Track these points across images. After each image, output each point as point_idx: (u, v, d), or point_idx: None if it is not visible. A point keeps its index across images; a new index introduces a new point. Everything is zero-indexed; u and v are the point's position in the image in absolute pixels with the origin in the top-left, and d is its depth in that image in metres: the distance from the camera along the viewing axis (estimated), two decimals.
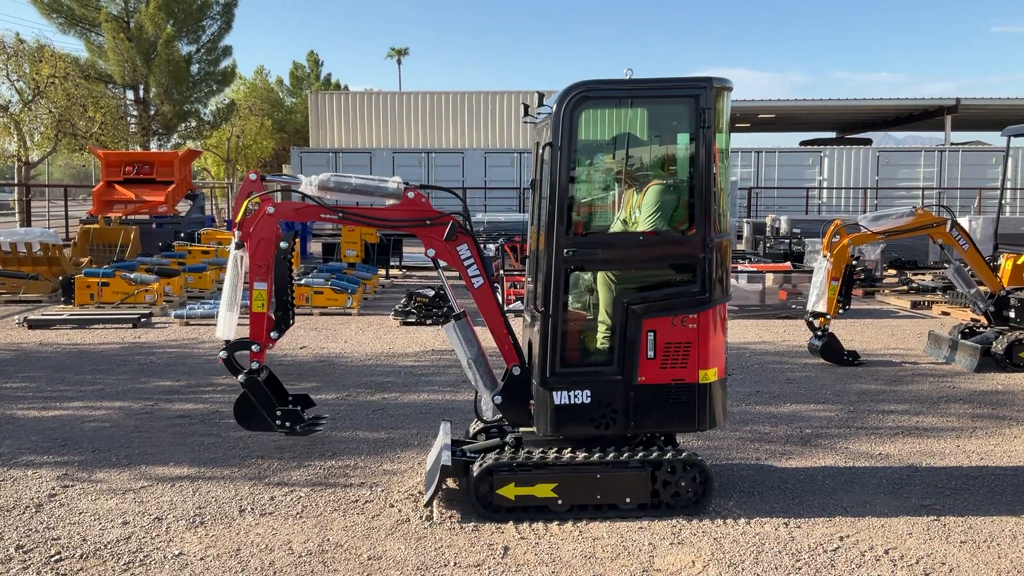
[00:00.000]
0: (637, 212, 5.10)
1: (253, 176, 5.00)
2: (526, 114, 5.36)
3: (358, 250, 17.25)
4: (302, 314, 12.38)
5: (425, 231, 4.96)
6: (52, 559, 4.31)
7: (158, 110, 30.82)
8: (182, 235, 17.90)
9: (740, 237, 20.35)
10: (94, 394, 7.72)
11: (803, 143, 37.64)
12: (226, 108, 36.17)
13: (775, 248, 18.12)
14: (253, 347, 4.97)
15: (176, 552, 4.41)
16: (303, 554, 4.39)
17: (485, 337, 5.07)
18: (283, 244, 4.94)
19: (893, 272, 17.28)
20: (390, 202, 5.01)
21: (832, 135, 43.79)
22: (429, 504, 4.98)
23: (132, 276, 12.75)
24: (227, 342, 4.95)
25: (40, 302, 13.41)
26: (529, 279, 5.54)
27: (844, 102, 34.92)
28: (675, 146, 5.21)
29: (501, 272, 13.57)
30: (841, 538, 4.64)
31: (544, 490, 4.83)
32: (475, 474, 4.81)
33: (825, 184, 29.86)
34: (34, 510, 4.95)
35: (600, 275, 5.11)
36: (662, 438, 5.30)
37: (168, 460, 5.86)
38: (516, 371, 5.03)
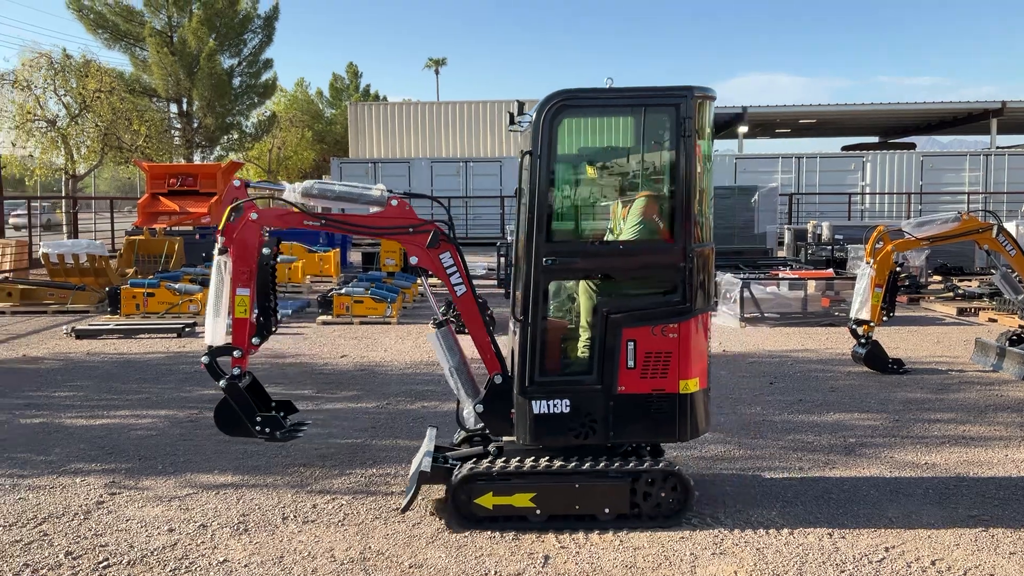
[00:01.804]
0: (623, 223, 5.09)
1: (237, 183, 5.03)
2: (512, 123, 5.35)
3: (397, 259, 17.37)
4: (342, 323, 12.49)
5: (408, 238, 4.98)
6: (100, 565, 4.39)
7: (201, 123, 31.32)
8: None
9: (781, 243, 20.16)
10: (140, 403, 7.85)
11: (845, 148, 37.22)
12: (267, 120, 36.69)
13: (817, 255, 17.91)
14: (235, 353, 4.99)
15: (221, 559, 4.46)
16: (345, 561, 4.42)
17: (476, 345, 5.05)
18: (266, 250, 4.97)
19: (938, 278, 17.01)
20: (374, 209, 5.01)
21: (875, 140, 43.25)
22: (406, 510, 5.00)
23: (177, 286, 12.96)
24: (210, 347, 4.98)
25: (87, 312, 13.67)
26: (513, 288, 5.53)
27: (886, 106, 34.46)
28: (657, 156, 5.16)
29: None
30: (887, 549, 4.57)
31: (522, 500, 4.80)
32: (453, 483, 4.81)
33: (868, 189, 29.48)
34: (83, 517, 5.05)
35: (581, 284, 5.08)
36: (648, 448, 5.25)
37: (212, 468, 5.94)
38: (498, 380, 5.01)
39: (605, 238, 5.28)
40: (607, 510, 4.82)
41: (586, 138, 5.37)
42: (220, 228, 4.90)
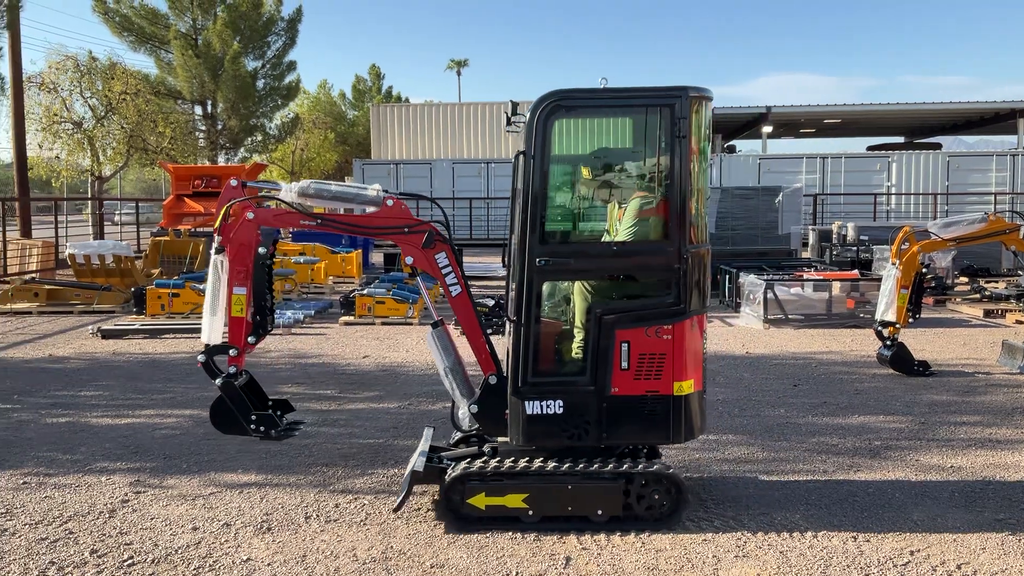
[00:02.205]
0: (619, 224, 5.07)
1: (234, 183, 5.04)
2: (509, 123, 5.33)
3: None
4: (364, 323, 12.54)
5: (403, 238, 4.98)
6: (125, 563, 4.43)
7: (225, 125, 31.56)
8: None
9: (805, 244, 20.03)
10: (165, 402, 7.92)
11: (870, 148, 36.91)
12: (290, 122, 36.92)
13: (842, 256, 17.79)
14: (231, 351, 5.02)
15: (244, 558, 4.49)
16: (367, 561, 4.44)
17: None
18: (262, 250, 4.99)
19: (965, 280, 16.83)
20: (370, 209, 5.02)
21: (900, 140, 42.88)
22: (398, 509, 5.01)
23: (201, 287, 13.04)
24: (207, 346, 5.01)
25: (113, 312, 13.80)
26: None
27: (912, 106, 34.14)
28: (652, 156, 5.12)
29: None
30: (912, 552, 4.53)
31: (515, 500, 4.78)
32: (445, 483, 4.81)
33: (893, 190, 29.24)
34: (108, 515, 5.10)
35: (576, 285, 5.06)
36: (645, 450, 5.22)
37: (236, 467, 5.98)
38: (492, 380, 4.99)
39: (603, 239, 5.24)
40: (600, 512, 4.79)
41: (580, 139, 5.34)
42: (216, 227, 4.94)
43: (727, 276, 14.34)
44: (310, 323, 12.73)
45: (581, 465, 4.81)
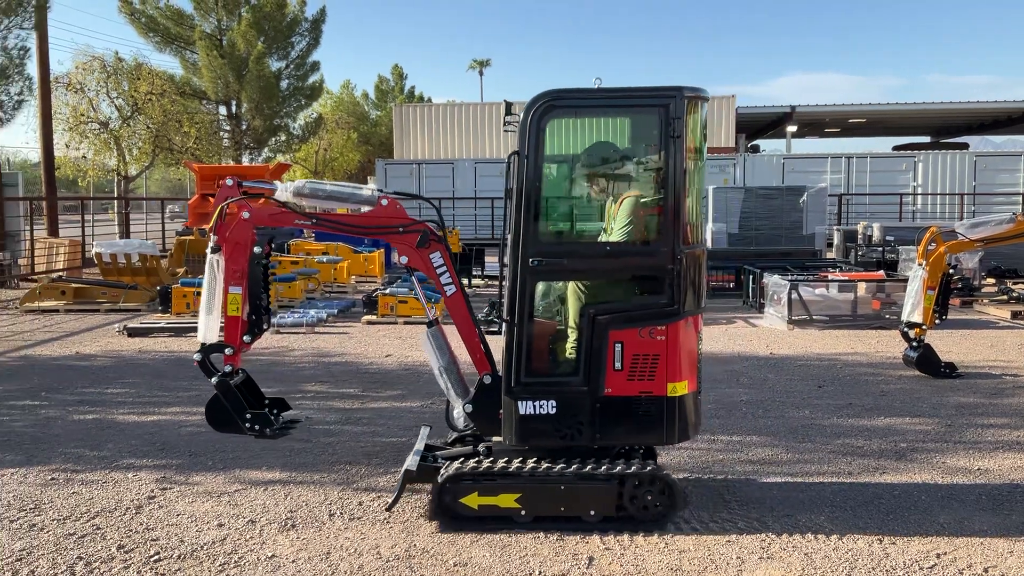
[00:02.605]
0: (613, 223, 5.06)
1: (230, 182, 5.06)
2: (508, 123, 5.32)
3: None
4: (387, 323, 12.58)
5: (398, 238, 4.99)
6: (152, 559, 4.47)
7: (249, 125, 31.74)
8: (272, 246, 18.36)
9: (830, 245, 19.89)
10: (190, 400, 7.98)
11: (896, 148, 36.60)
12: (314, 122, 37.08)
13: (867, 256, 17.65)
14: (227, 350, 5.04)
15: (269, 554, 4.52)
16: (391, 559, 4.45)
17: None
18: (257, 249, 5.01)
19: (992, 281, 16.65)
20: (365, 209, 5.02)
21: (926, 140, 42.49)
22: (390, 508, 5.04)
23: None
24: (203, 345, 5.03)
25: (139, 311, 13.93)
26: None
27: (938, 105, 33.84)
28: (647, 156, 5.11)
29: None
30: (938, 555, 4.49)
31: (507, 500, 4.77)
32: (438, 482, 4.81)
33: (919, 190, 28.96)
34: (134, 511, 5.15)
35: (570, 285, 5.04)
36: (641, 450, 5.20)
37: (261, 465, 6.02)
38: (487, 380, 4.99)
39: (600, 238, 5.22)
40: (592, 512, 4.78)
41: (575, 138, 5.32)
42: (212, 227, 4.97)
43: (751, 276, 14.26)
44: (333, 322, 12.79)
45: (574, 466, 4.80)
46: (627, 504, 4.77)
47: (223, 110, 32.68)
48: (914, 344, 8.91)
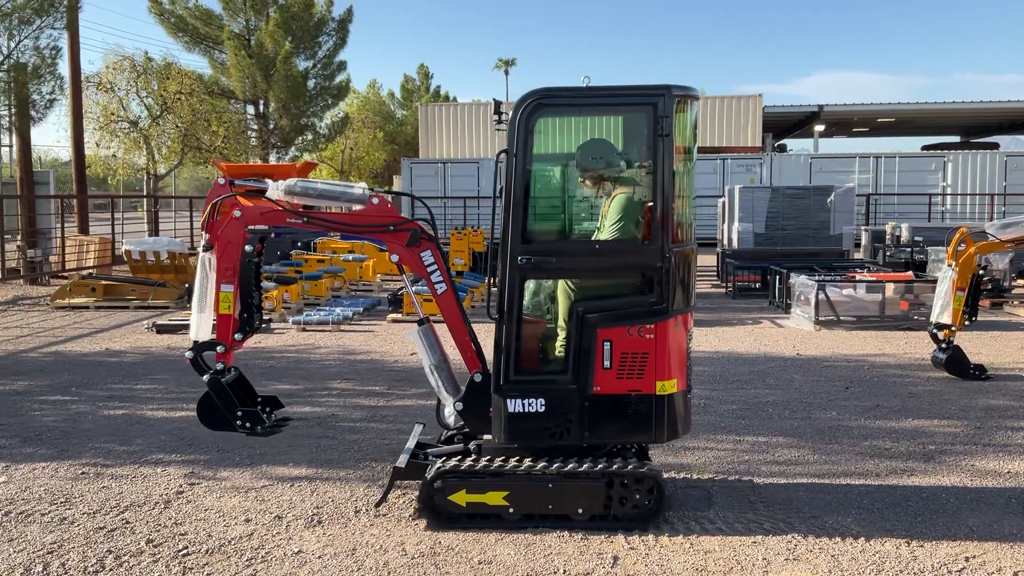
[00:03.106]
0: (605, 221, 5.05)
1: (222, 181, 5.09)
2: (499, 122, 5.33)
3: (466, 258, 17.49)
4: (412, 320, 12.60)
5: (389, 236, 5.00)
6: (180, 553, 4.52)
7: (277, 124, 31.94)
8: (299, 244, 18.51)
9: (858, 245, 19.72)
10: None
11: (925, 148, 36.22)
12: (340, 121, 37.22)
13: (895, 257, 17.48)
14: (218, 348, 5.06)
15: (295, 550, 4.56)
16: (416, 556, 4.47)
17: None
18: (248, 248, 5.03)
19: (1022, 282, 16.44)
20: (356, 207, 5.03)
21: (956, 139, 42.00)
22: (379, 504, 5.07)
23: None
24: (195, 343, 5.06)
25: (167, 308, 14.06)
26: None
27: (968, 105, 33.43)
28: (636, 155, 5.09)
29: None
30: (967, 559, 4.44)
31: (495, 498, 4.77)
32: (426, 479, 4.82)
33: (949, 190, 28.64)
34: (163, 506, 5.20)
35: (560, 283, 5.03)
36: (634, 449, 5.19)
37: (287, 461, 6.07)
38: (478, 378, 5.00)
39: (594, 236, 5.20)
40: (580, 510, 4.78)
41: (563, 137, 5.31)
42: (204, 225, 5.01)
43: (777, 276, 14.17)
44: (359, 320, 12.86)
45: (562, 464, 4.80)
46: (616, 503, 4.77)
47: (251, 109, 32.90)
48: (943, 345, 8.81)
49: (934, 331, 8.91)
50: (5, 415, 7.39)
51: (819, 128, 36.28)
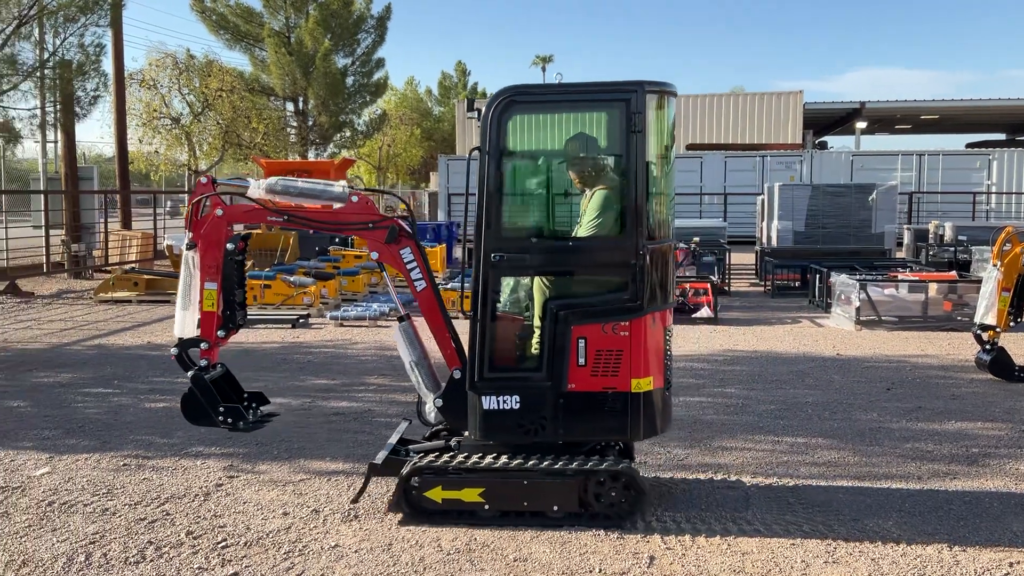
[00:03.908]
0: (584, 217, 5.02)
1: (204, 179, 5.14)
2: (471, 110, 5.31)
3: None
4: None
5: (368, 234, 5.01)
6: (219, 545, 4.57)
7: (316, 121, 32.21)
8: (337, 240, 18.64)
9: (900, 244, 19.44)
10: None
11: (969, 145, 35.61)
12: (378, 118, 37.47)
13: (939, 256, 17.20)
14: (202, 345, 5.10)
15: (332, 544, 4.59)
16: (451, 552, 4.48)
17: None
18: (229, 246, 5.07)
19: None
20: (337, 205, 5.05)
21: (1001, 137, 41.23)
22: (355, 501, 5.10)
23: (292, 279, 13.37)
24: (180, 339, 5.11)
25: None
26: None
27: (1015, 101, 32.81)
28: (611, 151, 5.05)
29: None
30: (1011, 565, 4.36)
31: (471, 494, 4.77)
32: (402, 475, 4.82)
33: (994, 189, 28.13)
34: (203, 498, 5.27)
35: (536, 280, 5.01)
36: (617, 447, 5.16)
37: (325, 455, 6.11)
38: (457, 375, 4.99)
39: (574, 233, 5.16)
40: (555, 507, 4.76)
41: (536, 134, 5.28)
42: (187, 224, 5.07)
43: (817, 276, 14.01)
44: (395, 316, 12.89)
45: (536, 461, 4.79)
46: (591, 500, 4.75)
47: (290, 106, 33.22)
48: (987, 347, 8.66)
49: (978, 332, 8.75)
50: (49, 407, 7.53)
51: (861, 125, 35.84)
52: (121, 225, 22.77)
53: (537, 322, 4.97)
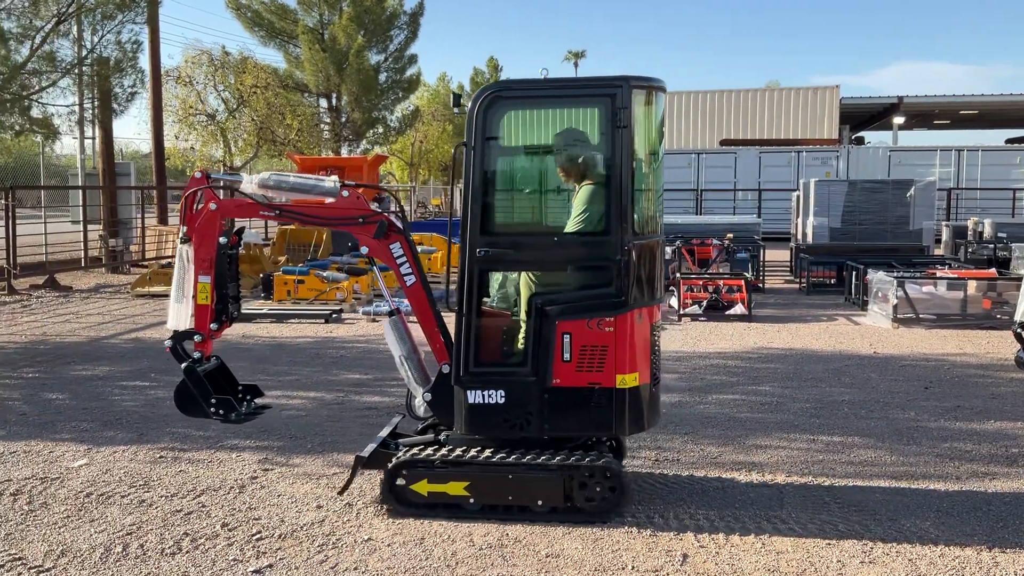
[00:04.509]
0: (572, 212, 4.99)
1: (199, 174, 5.17)
2: (457, 106, 5.26)
3: None
4: None
5: (358, 229, 5.02)
6: (254, 537, 4.61)
7: (349, 117, 32.35)
8: None
9: (938, 241, 19.16)
10: (291, 384, 8.19)
11: (1009, 141, 35.00)
12: (411, 114, 37.53)
13: (978, 253, 16.93)
14: (196, 337, 5.14)
15: (365, 537, 4.61)
16: (483, 547, 4.48)
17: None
18: (222, 240, 5.10)
19: None
20: (328, 200, 5.06)
21: None
22: (342, 492, 5.12)
23: (325, 274, 13.45)
24: (174, 332, 5.14)
25: (243, 297, 14.33)
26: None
27: None
28: (597, 147, 5.00)
29: (677, 275, 13.30)
30: None
31: (456, 488, 4.78)
32: (389, 468, 4.82)
33: None
34: (238, 491, 5.32)
35: (522, 276, 4.99)
36: (608, 443, 5.15)
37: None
38: (446, 369, 4.98)
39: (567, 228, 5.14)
40: (540, 502, 4.75)
41: (522, 129, 5.26)
42: (181, 218, 5.12)
43: (854, 272, 13.84)
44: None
45: (520, 456, 4.78)
46: (575, 495, 4.74)
47: (324, 103, 33.38)
48: None
49: (1018, 330, 8.58)
50: (87, 399, 7.64)
51: (898, 120, 35.36)
52: (157, 220, 23.03)
53: (523, 317, 4.98)
